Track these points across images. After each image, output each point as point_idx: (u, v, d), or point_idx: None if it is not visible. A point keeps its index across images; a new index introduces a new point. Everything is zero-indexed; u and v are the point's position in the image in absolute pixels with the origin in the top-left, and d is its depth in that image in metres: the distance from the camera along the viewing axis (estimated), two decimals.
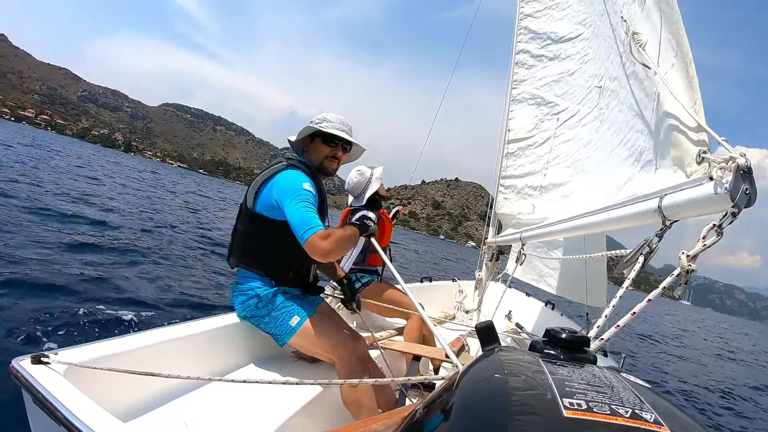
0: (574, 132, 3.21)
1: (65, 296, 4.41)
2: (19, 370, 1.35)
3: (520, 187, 3.78)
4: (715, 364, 13.76)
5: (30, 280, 4.60)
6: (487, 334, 1.00)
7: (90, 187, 15.49)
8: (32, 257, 5.41)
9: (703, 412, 6.90)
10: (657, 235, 1.28)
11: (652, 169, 1.63)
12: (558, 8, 3.80)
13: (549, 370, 0.73)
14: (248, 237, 2.30)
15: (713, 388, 9.17)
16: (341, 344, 2.20)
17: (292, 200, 2.07)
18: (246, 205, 2.27)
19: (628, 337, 12.86)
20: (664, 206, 1.22)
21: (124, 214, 11.18)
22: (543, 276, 4.63)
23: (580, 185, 2.80)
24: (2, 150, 19.96)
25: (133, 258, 6.86)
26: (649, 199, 1.30)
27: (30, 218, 7.65)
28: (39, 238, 6.45)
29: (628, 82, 2.04)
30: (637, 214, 1.35)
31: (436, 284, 4.97)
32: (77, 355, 1.52)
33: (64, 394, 1.25)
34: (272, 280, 2.28)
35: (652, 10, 1.74)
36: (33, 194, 10.14)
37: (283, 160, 2.31)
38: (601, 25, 2.88)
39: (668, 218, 1.23)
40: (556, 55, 3.70)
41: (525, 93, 3.95)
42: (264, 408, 1.35)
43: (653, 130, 1.63)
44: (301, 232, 2.00)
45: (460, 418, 0.63)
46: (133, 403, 1.66)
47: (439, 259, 32.38)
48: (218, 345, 2.20)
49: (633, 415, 0.56)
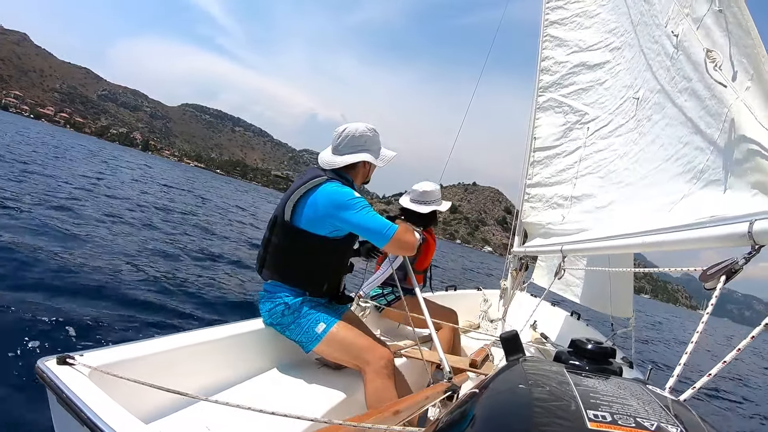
0: (606, 142, 3.21)
1: (92, 298, 4.41)
2: (45, 370, 1.35)
3: (549, 196, 3.78)
4: (744, 374, 13.61)
5: (57, 281, 4.60)
6: (512, 344, 1.00)
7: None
8: (60, 258, 5.40)
9: (730, 420, 6.78)
10: (744, 258, 1.27)
11: (719, 189, 1.63)
12: (586, 16, 3.80)
13: (574, 381, 0.73)
14: (284, 250, 2.29)
15: (744, 397, 9.06)
16: (367, 350, 2.20)
17: (353, 210, 2.12)
18: (283, 218, 2.25)
19: (653, 347, 12.76)
20: (755, 231, 1.21)
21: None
22: (569, 285, 4.62)
23: (618, 197, 2.79)
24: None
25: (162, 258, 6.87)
26: (736, 222, 1.29)
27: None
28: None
29: (681, 96, 2.03)
30: (722, 237, 1.34)
31: (460, 293, 4.96)
32: (102, 357, 1.53)
33: (89, 395, 1.26)
34: (305, 291, 2.28)
35: (712, 29, 1.73)
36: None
37: (321, 174, 2.28)
38: (638, 35, 2.88)
39: (758, 243, 1.22)
40: (583, 63, 3.70)
41: (551, 101, 3.95)
42: (288, 414, 1.36)
43: (721, 149, 1.62)
44: (382, 233, 2.09)
45: (483, 428, 0.63)
46: (157, 404, 1.66)
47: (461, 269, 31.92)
48: (243, 350, 2.21)
49: (658, 429, 0.56)
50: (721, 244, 1.36)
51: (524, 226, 4.09)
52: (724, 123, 1.59)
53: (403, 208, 3.60)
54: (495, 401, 0.72)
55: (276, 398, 2.00)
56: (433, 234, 3.70)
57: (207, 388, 1.93)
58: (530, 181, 3.96)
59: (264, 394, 2.03)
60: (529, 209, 3.93)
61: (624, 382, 0.75)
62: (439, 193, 3.63)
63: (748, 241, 1.24)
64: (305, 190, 2.21)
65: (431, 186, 3.61)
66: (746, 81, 1.48)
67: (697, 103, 1.87)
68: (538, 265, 4.95)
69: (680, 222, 1.58)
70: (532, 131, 4.00)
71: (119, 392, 1.38)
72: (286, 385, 2.19)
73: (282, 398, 2.02)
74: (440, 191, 3.64)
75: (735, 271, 1.29)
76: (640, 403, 0.65)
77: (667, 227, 1.62)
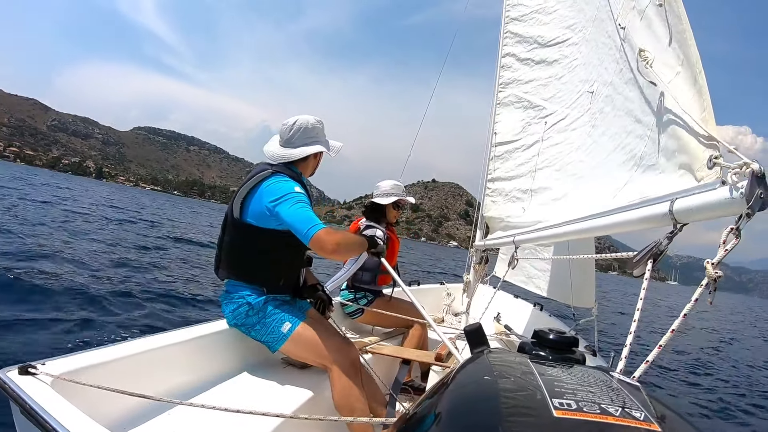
0: (563, 136, 3.26)
1: (54, 305, 4.31)
2: (6, 381, 1.31)
3: (508, 190, 3.81)
4: (712, 345, 13.35)
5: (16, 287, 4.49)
6: (476, 337, 1.01)
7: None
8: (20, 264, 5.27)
9: (700, 403, 6.71)
10: (667, 237, 1.30)
11: (654, 173, 1.67)
12: (544, 12, 3.85)
13: (538, 371, 0.74)
14: (236, 247, 2.27)
15: (714, 373, 8.89)
16: (333, 349, 2.20)
17: (287, 203, 2.06)
18: (232, 216, 2.24)
19: (621, 332, 12.68)
20: (676, 210, 1.24)
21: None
22: (531, 278, 4.67)
23: (573, 188, 2.84)
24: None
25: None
26: (658, 203, 1.32)
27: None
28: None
29: (626, 87, 2.07)
30: (646, 218, 1.38)
31: (423, 287, 4.98)
32: (65, 364, 1.49)
33: (53, 405, 1.23)
34: (263, 288, 2.26)
35: (653, 20, 1.78)
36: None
37: (267, 167, 2.27)
38: (593, 30, 2.93)
39: (679, 221, 1.26)
40: (543, 58, 3.75)
41: (511, 96, 3.99)
42: (255, 415, 1.35)
43: (656, 135, 1.66)
44: (305, 229, 1.98)
45: (451, 420, 0.63)
46: (123, 411, 1.62)
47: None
48: (208, 352, 2.19)
49: (623, 414, 0.57)
50: (647, 225, 1.39)
51: (485, 220, 4.12)
52: (657, 108, 1.63)
53: (367, 210, 3.70)
54: (461, 393, 0.72)
55: (244, 399, 1.99)
56: (395, 232, 3.74)
57: (175, 392, 1.90)
58: (491, 176, 4.00)
59: (232, 396, 2.00)
60: (490, 203, 3.97)
61: (588, 370, 0.76)
62: (401, 188, 3.73)
63: (670, 219, 1.27)
64: (251, 186, 2.20)
65: (391, 183, 3.73)
66: (677, 66, 1.52)
67: (638, 93, 1.91)
68: (500, 258, 4.99)
69: (605, 207, 1.62)
70: (493, 126, 4.03)
71: (84, 400, 1.35)
72: (253, 386, 2.17)
73: (249, 399, 2.00)
74: (402, 187, 3.76)
75: (660, 252, 1.33)
76: (604, 389, 0.66)
77: (600, 212, 1.66)
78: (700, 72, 1.40)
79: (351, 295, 3.56)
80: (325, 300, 2.59)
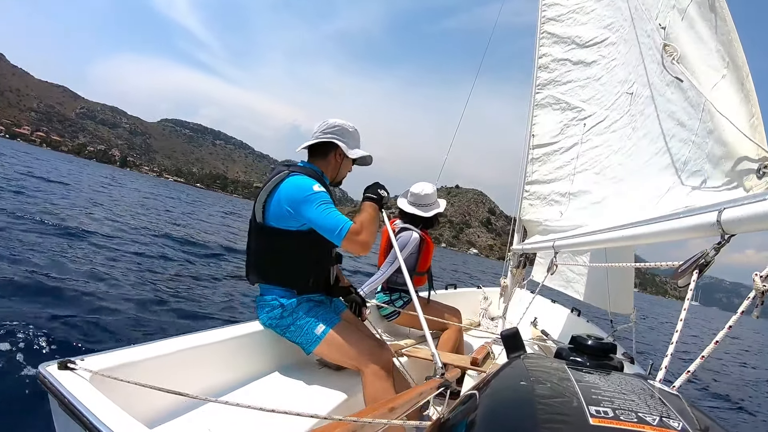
0: (602, 138, 3.19)
1: (91, 303, 4.45)
2: (46, 375, 1.35)
3: (546, 194, 3.76)
4: (739, 365, 13.38)
5: (58, 287, 4.65)
6: (513, 342, 1.01)
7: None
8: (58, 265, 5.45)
9: (738, 416, 6.63)
10: (714, 248, 1.25)
11: (699, 180, 1.61)
12: (582, 12, 3.77)
13: (575, 377, 0.72)
14: (263, 252, 2.29)
15: (745, 390, 8.91)
16: (367, 352, 2.19)
17: (310, 205, 2.06)
18: (256, 221, 2.26)
19: (654, 341, 12.57)
20: (724, 220, 1.19)
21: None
22: (570, 282, 4.58)
23: (612, 192, 2.78)
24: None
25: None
26: (706, 212, 1.28)
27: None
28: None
29: (668, 89, 2.02)
30: (692, 227, 1.33)
31: (460, 291, 4.94)
32: (103, 361, 1.52)
33: (90, 399, 1.26)
34: (294, 289, 2.27)
35: (696, 20, 1.72)
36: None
37: (284, 169, 2.27)
38: (631, 30, 2.86)
39: (727, 232, 1.21)
40: (581, 59, 3.68)
41: (549, 98, 3.93)
42: (288, 415, 1.36)
43: (701, 140, 1.61)
44: (335, 232, 2.00)
45: (486, 426, 0.62)
46: (159, 408, 1.66)
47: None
48: (243, 352, 2.20)
49: (660, 423, 0.56)
50: (693, 235, 1.34)
51: (523, 224, 4.07)
52: (702, 113, 1.58)
53: (403, 212, 3.58)
54: (497, 398, 0.72)
55: (277, 399, 2.01)
56: (429, 235, 3.66)
57: (208, 391, 1.93)
58: (528, 178, 3.94)
59: (265, 396, 2.03)
60: (528, 206, 3.92)
61: (625, 378, 0.75)
62: (436, 194, 3.62)
63: (718, 230, 1.22)
64: (271, 188, 2.21)
65: (431, 188, 3.58)
66: (722, 68, 1.47)
67: (680, 94, 1.85)
68: (538, 261, 4.91)
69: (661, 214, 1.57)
70: (530, 128, 3.97)
71: (121, 396, 1.37)
72: (287, 386, 2.19)
73: (283, 399, 2.02)
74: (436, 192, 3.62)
75: (707, 263, 1.28)
76: (641, 398, 0.65)
77: (643, 220, 1.61)
78: (747, 76, 1.35)
79: (386, 297, 3.53)
80: (359, 302, 2.59)
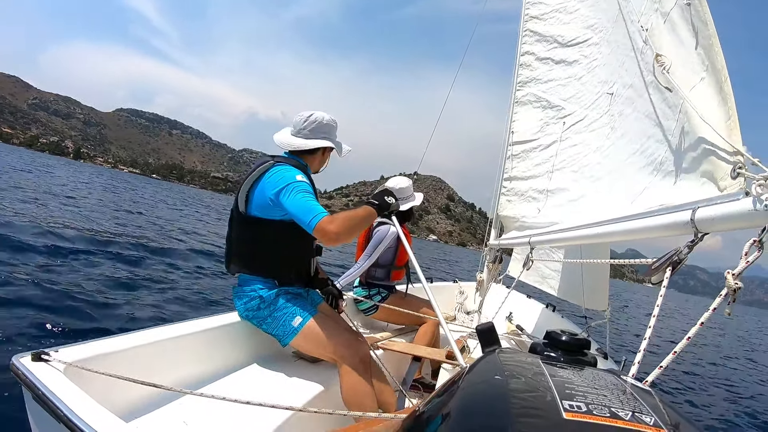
0: (581, 137, 3.23)
1: (65, 295, 4.37)
2: (19, 367, 1.33)
3: (524, 190, 3.79)
4: (707, 348, 13.55)
5: (30, 279, 4.55)
6: (488, 336, 1.01)
7: None
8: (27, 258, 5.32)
9: (706, 408, 6.73)
10: (687, 246, 1.29)
11: (674, 180, 1.65)
12: (565, 11, 3.80)
13: (549, 372, 0.73)
14: (245, 242, 2.28)
15: (713, 379, 9.02)
16: (343, 344, 2.20)
17: (289, 192, 2.06)
18: (238, 210, 2.25)
19: (627, 334, 12.74)
20: (697, 219, 1.23)
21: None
22: (545, 278, 4.65)
23: (590, 191, 2.81)
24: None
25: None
26: (680, 211, 1.31)
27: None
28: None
29: (647, 91, 2.05)
30: (666, 225, 1.36)
31: (436, 285, 4.97)
32: (77, 352, 1.51)
33: (65, 392, 1.24)
34: (275, 280, 2.27)
35: (677, 23, 1.75)
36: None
37: (269, 159, 2.28)
38: (614, 31, 2.90)
39: (700, 230, 1.24)
40: (562, 58, 3.71)
41: (530, 95, 3.96)
42: (264, 407, 1.35)
43: (677, 141, 1.64)
44: (307, 220, 1.98)
45: (460, 419, 0.63)
46: (134, 400, 1.64)
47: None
48: (219, 344, 2.20)
49: (633, 418, 0.57)
50: (667, 233, 1.38)
51: (500, 219, 4.10)
52: (679, 114, 1.61)
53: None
54: (471, 392, 0.72)
55: (253, 391, 1.99)
56: (406, 228, 3.69)
57: (185, 383, 1.91)
58: (507, 174, 3.98)
59: (242, 388, 2.02)
60: (506, 202, 3.95)
61: (599, 373, 0.76)
62: (412, 188, 3.64)
63: (691, 228, 1.25)
64: (255, 178, 2.21)
65: (406, 182, 3.61)
66: (701, 71, 1.50)
67: (659, 96, 1.89)
68: (514, 257, 4.97)
69: (623, 212, 1.60)
70: (510, 125, 4.00)
71: (96, 388, 1.36)
72: (264, 378, 2.19)
73: (259, 391, 2.01)
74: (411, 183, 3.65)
75: (680, 261, 1.32)
76: (614, 393, 0.65)
77: (619, 217, 1.64)
78: (726, 79, 1.38)
79: (365, 291, 3.54)
80: (336, 294, 2.59)
